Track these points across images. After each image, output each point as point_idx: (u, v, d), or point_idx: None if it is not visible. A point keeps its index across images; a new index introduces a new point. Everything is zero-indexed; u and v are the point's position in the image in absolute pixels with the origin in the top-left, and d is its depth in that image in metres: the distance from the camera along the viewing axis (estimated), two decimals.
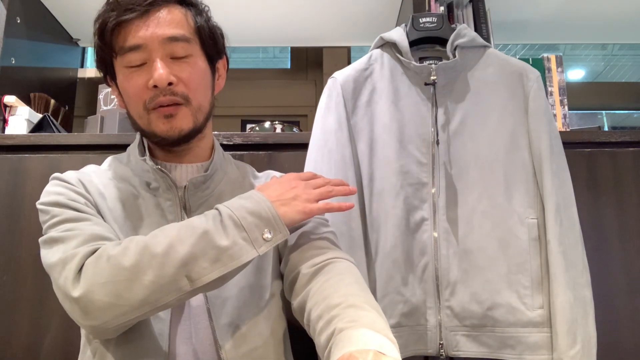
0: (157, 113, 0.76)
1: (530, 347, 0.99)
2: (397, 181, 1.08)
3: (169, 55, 0.76)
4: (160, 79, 0.74)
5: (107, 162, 0.88)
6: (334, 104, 1.12)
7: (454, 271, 1.05)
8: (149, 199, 0.80)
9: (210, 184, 0.83)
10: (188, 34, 0.78)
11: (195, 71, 0.79)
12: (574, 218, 1.05)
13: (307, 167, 1.10)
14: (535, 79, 1.10)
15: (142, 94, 0.76)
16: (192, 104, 0.78)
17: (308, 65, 2.17)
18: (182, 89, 0.77)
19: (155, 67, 0.75)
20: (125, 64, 0.77)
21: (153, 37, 0.75)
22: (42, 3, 1.67)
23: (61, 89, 1.78)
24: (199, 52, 0.80)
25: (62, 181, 0.79)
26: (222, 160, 0.88)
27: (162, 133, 0.77)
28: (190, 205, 0.80)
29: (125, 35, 0.75)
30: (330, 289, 0.66)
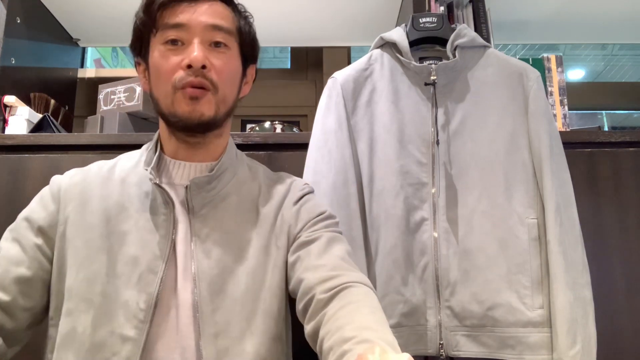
0: (182, 93, 0.77)
1: (530, 347, 0.99)
2: (397, 181, 1.08)
3: (209, 42, 0.79)
4: (196, 60, 0.75)
5: (116, 161, 0.88)
6: (334, 104, 1.12)
7: (454, 271, 1.05)
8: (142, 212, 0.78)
9: (217, 184, 0.82)
10: (231, 28, 0.81)
11: (229, 63, 0.81)
12: (574, 218, 1.05)
13: (307, 167, 1.10)
14: (535, 79, 1.10)
15: (174, 71, 0.77)
16: (218, 93, 0.79)
17: (308, 65, 2.17)
18: (213, 75, 0.78)
19: (193, 48, 0.76)
20: (164, 40, 0.78)
21: (197, 20, 0.77)
22: (42, 3, 1.67)
23: (61, 89, 1.78)
24: (236, 48, 0.83)
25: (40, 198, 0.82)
26: (234, 161, 0.87)
27: (183, 114, 0.77)
28: (193, 205, 0.79)
29: (171, 13, 0.78)
30: (344, 319, 0.64)
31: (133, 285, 0.73)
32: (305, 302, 0.73)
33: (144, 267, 0.74)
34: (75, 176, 0.84)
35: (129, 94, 1.41)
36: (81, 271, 0.74)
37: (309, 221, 0.83)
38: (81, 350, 0.71)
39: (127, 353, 0.70)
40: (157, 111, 0.82)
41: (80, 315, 0.72)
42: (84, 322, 0.72)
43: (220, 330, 0.73)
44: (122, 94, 1.42)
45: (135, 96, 1.40)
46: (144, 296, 0.73)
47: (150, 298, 0.72)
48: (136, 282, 0.73)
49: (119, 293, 0.73)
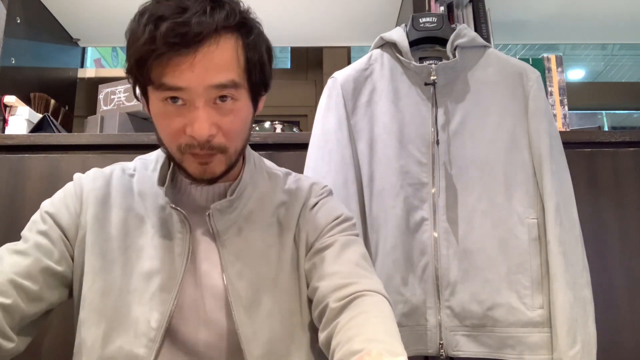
0: (191, 157, 0.71)
1: (530, 347, 0.99)
2: (397, 181, 1.08)
3: (213, 100, 0.69)
4: (200, 133, 0.67)
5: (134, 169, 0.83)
6: (334, 104, 1.12)
7: (454, 271, 1.05)
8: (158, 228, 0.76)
9: (239, 204, 0.78)
10: (237, 78, 0.69)
11: (238, 119, 0.72)
12: (574, 218, 1.05)
13: (307, 167, 1.10)
14: (535, 79, 1.10)
15: (179, 137, 0.70)
16: (228, 151, 0.73)
17: (308, 65, 2.17)
18: (220, 140, 0.70)
19: (197, 116, 0.67)
20: (163, 98, 0.68)
21: (199, 82, 0.66)
22: (42, 3, 1.67)
23: (61, 89, 1.78)
24: (245, 94, 0.72)
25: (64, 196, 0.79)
26: (253, 174, 0.83)
27: (194, 174, 0.73)
28: (218, 230, 0.76)
29: (168, 73, 0.66)
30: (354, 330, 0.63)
31: (146, 302, 0.71)
32: (320, 311, 0.72)
33: (157, 284, 0.72)
34: (98, 180, 0.80)
35: (129, 94, 1.40)
36: (97, 281, 0.73)
37: (325, 227, 0.81)
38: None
39: None
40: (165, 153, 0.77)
41: (91, 327, 0.71)
42: (94, 334, 0.71)
43: (267, 351, 0.72)
44: (122, 94, 1.42)
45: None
46: (156, 315, 0.71)
47: (162, 317, 0.70)
48: (149, 300, 0.71)
49: (131, 309, 0.71)
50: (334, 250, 0.77)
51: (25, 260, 0.71)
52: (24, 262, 0.71)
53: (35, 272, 0.71)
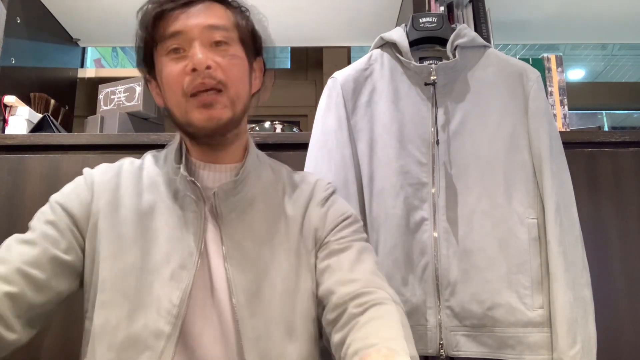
0: (195, 101, 0.76)
1: (530, 347, 0.99)
2: (397, 181, 1.08)
3: (208, 42, 0.78)
4: (199, 62, 0.75)
5: (144, 160, 0.88)
6: (334, 104, 1.12)
7: (453, 271, 1.05)
8: (172, 210, 0.79)
9: (243, 188, 0.82)
10: (228, 25, 0.80)
11: (233, 59, 0.79)
12: (574, 218, 1.05)
13: (307, 167, 1.10)
14: (535, 79, 1.10)
15: (181, 79, 0.76)
16: (230, 91, 0.78)
17: (308, 65, 2.17)
18: (220, 74, 0.77)
19: (194, 51, 0.76)
20: (166, 51, 0.78)
21: (193, 24, 0.77)
22: (42, 3, 1.67)
23: (61, 89, 1.78)
24: (237, 44, 0.81)
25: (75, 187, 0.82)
26: (256, 163, 0.87)
27: (199, 122, 0.77)
28: (221, 211, 0.80)
29: (165, 24, 0.78)
30: (372, 329, 0.66)
31: (166, 281, 0.74)
32: (337, 315, 0.74)
33: (176, 263, 0.75)
34: (108, 172, 0.84)
35: (129, 94, 1.41)
36: (116, 264, 0.75)
37: (336, 225, 0.84)
38: (114, 342, 0.71)
39: (161, 348, 0.71)
40: (174, 123, 0.82)
41: (114, 307, 0.73)
42: (118, 314, 0.72)
43: (261, 334, 0.74)
44: (122, 94, 1.42)
45: (135, 96, 1.40)
46: (177, 292, 0.73)
47: (183, 294, 0.73)
48: (169, 279, 0.74)
49: (152, 288, 0.74)
50: (350, 255, 0.80)
51: (33, 250, 0.73)
52: (31, 252, 0.73)
53: (43, 261, 0.73)
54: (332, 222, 0.84)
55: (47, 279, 0.73)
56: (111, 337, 0.72)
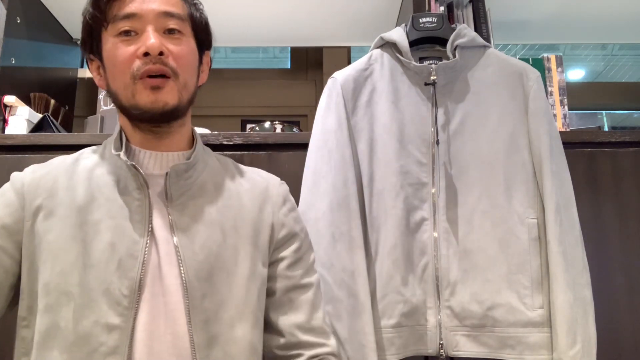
0: (143, 83, 0.75)
1: (530, 347, 0.99)
2: (397, 181, 1.08)
3: (162, 29, 0.78)
4: (153, 47, 0.74)
5: (80, 155, 0.85)
6: (334, 104, 1.12)
7: (454, 271, 1.05)
8: (113, 200, 0.77)
9: (193, 172, 0.81)
10: (182, 14, 0.80)
11: (185, 48, 0.80)
12: (574, 218, 1.05)
13: (307, 167, 1.10)
14: (535, 79, 1.10)
15: (131, 61, 0.75)
16: (179, 79, 0.77)
17: (308, 65, 2.17)
18: (171, 61, 0.76)
19: (148, 36, 0.75)
20: (116, 32, 0.77)
21: (149, 8, 0.77)
22: (42, 3, 1.67)
23: (61, 89, 1.78)
24: (190, 34, 0.82)
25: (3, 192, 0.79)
26: (203, 152, 0.87)
27: (146, 105, 0.75)
28: (171, 194, 0.78)
29: (121, 4, 0.77)
30: None
31: (113, 272, 0.71)
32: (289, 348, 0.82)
33: (123, 252, 0.73)
34: (37, 171, 0.81)
35: None
36: (57, 264, 0.72)
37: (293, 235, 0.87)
38: (66, 344, 0.69)
39: (115, 342, 0.68)
40: (116, 105, 0.81)
41: (61, 309, 0.70)
42: (65, 315, 0.70)
43: (210, 317, 0.73)
44: None
45: None
46: (126, 282, 0.71)
47: (133, 283, 0.71)
48: (116, 269, 0.72)
49: (99, 281, 0.71)
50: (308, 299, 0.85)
51: None
52: None
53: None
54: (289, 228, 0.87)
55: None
56: (61, 340, 0.69)
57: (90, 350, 0.68)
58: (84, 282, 0.71)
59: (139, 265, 0.72)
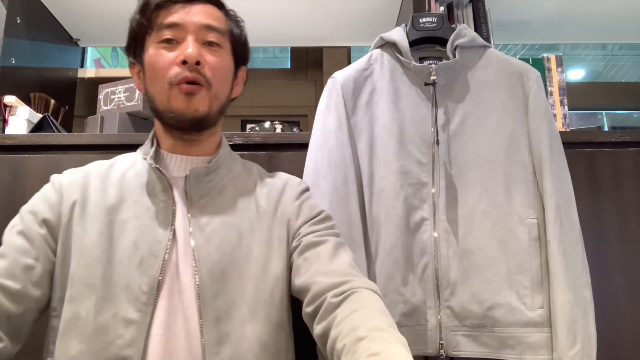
0: (178, 89, 0.80)
1: (530, 347, 0.99)
2: (397, 181, 1.08)
3: (202, 41, 0.83)
4: (191, 56, 0.79)
5: (116, 160, 0.91)
6: (334, 104, 1.12)
7: (454, 271, 1.05)
8: (140, 201, 0.81)
9: (214, 177, 0.85)
10: (223, 29, 0.86)
11: (221, 61, 0.84)
12: (574, 218, 1.05)
13: (307, 167, 1.10)
14: (535, 79, 1.10)
15: (170, 67, 0.80)
16: (212, 89, 0.82)
17: (308, 65, 2.17)
18: (207, 71, 0.81)
19: (187, 45, 0.80)
20: (159, 39, 0.82)
21: (191, 20, 0.82)
22: (42, 3, 1.67)
23: (61, 89, 1.78)
24: (228, 48, 0.87)
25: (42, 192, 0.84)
26: (228, 158, 0.90)
27: (178, 109, 0.80)
28: (191, 196, 0.82)
29: (166, 13, 0.82)
30: (357, 321, 0.66)
31: (134, 269, 0.75)
32: (316, 306, 0.75)
33: (145, 251, 0.77)
34: (75, 173, 0.87)
35: (129, 94, 1.41)
36: (83, 258, 0.76)
37: (310, 219, 0.86)
38: (84, 334, 0.72)
39: (131, 335, 0.72)
40: (152, 109, 0.85)
41: (83, 300, 0.74)
42: (86, 306, 0.73)
43: (221, 316, 0.76)
44: (122, 94, 1.42)
45: (135, 96, 1.40)
46: (146, 279, 0.75)
47: (152, 281, 0.75)
48: (137, 266, 0.76)
49: (120, 277, 0.75)
50: (327, 248, 0.82)
51: (4, 262, 0.75)
52: (3, 264, 0.75)
53: (16, 271, 0.74)
54: (306, 214, 0.87)
55: (22, 288, 0.74)
56: (81, 329, 0.72)
57: (107, 341, 0.71)
58: (106, 277, 0.75)
59: (159, 263, 0.76)
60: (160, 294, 0.75)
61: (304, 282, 0.79)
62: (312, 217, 0.87)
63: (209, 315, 0.75)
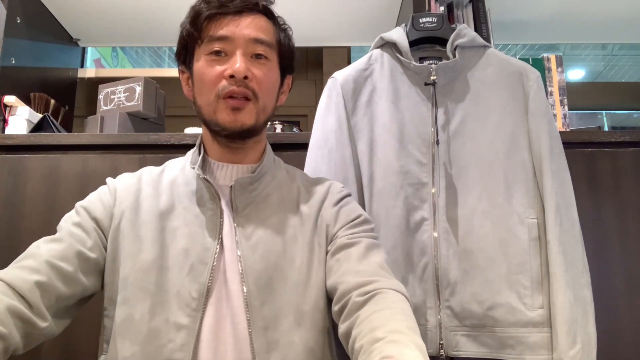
0: (225, 103, 0.81)
1: (530, 347, 0.99)
2: (397, 181, 1.08)
3: (250, 54, 0.83)
4: (239, 71, 0.80)
5: (165, 166, 0.93)
6: (334, 104, 1.12)
7: (454, 271, 1.05)
8: (190, 209, 0.83)
9: (258, 185, 0.86)
10: (271, 41, 0.86)
11: (269, 74, 0.85)
12: (574, 218, 1.05)
13: (307, 167, 1.10)
14: (535, 79, 1.10)
15: (218, 81, 0.81)
16: (259, 102, 0.83)
17: (308, 65, 2.17)
18: (254, 85, 0.82)
19: (236, 59, 0.81)
20: (209, 51, 0.82)
21: (241, 33, 0.82)
22: (42, 3, 1.67)
23: (61, 89, 1.78)
24: (275, 60, 0.87)
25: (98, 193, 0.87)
26: (272, 165, 0.91)
27: (224, 123, 0.82)
28: (237, 205, 0.83)
29: (216, 25, 0.82)
30: (377, 322, 0.66)
31: (185, 276, 0.77)
32: (342, 304, 0.76)
33: (194, 258, 0.79)
34: (129, 179, 0.89)
35: (129, 94, 1.41)
36: (137, 262, 0.78)
37: (347, 223, 0.87)
38: (138, 336, 0.74)
39: (182, 340, 0.74)
40: (200, 118, 0.86)
41: (137, 303, 0.76)
42: (141, 309, 0.76)
43: (269, 324, 0.77)
44: (122, 94, 1.42)
45: (135, 96, 1.40)
46: (196, 286, 0.77)
47: (202, 287, 0.77)
48: (187, 273, 0.78)
49: (172, 283, 0.77)
50: (359, 249, 0.82)
51: (60, 245, 0.77)
52: (59, 247, 0.77)
53: (69, 255, 0.77)
54: (343, 219, 0.87)
55: (74, 271, 0.76)
56: (134, 332, 0.75)
57: (160, 345, 0.74)
58: (159, 282, 0.77)
59: (208, 271, 0.78)
60: (209, 301, 0.77)
61: (334, 281, 0.80)
62: (349, 222, 0.87)
63: (258, 324, 0.76)
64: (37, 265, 0.73)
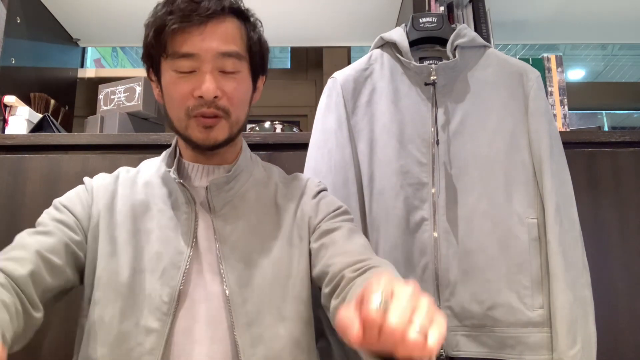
0: (196, 121, 0.79)
1: (530, 347, 0.99)
2: (397, 181, 1.08)
3: (219, 69, 0.79)
4: (208, 92, 0.77)
5: (140, 167, 0.92)
6: (334, 104, 1.12)
7: (453, 271, 1.05)
8: (164, 212, 0.83)
9: (235, 184, 0.86)
10: (240, 51, 0.81)
11: (240, 87, 0.82)
12: (574, 218, 1.05)
13: (307, 167, 1.10)
14: (535, 79, 1.10)
15: (187, 100, 0.78)
16: (231, 117, 0.81)
17: (308, 65, 2.17)
18: (225, 102, 0.79)
19: (204, 79, 0.77)
20: (175, 68, 0.79)
21: (207, 49, 0.77)
22: (42, 3, 1.67)
23: (61, 89, 1.78)
24: (246, 69, 0.83)
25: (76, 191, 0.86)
26: (248, 162, 0.90)
27: (197, 140, 0.80)
28: (214, 206, 0.83)
29: (181, 41, 0.77)
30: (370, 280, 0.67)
31: (156, 280, 0.77)
32: (335, 284, 0.76)
33: (167, 262, 0.78)
34: (105, 179, 0.88)
35: (129, 94, 1.41)
36: (110, 262, 0.78)
37: (328, 213, 0.87)
38: (107, 338, 0.74)
39: (151, 344, 0.73)
40: (171, 128, 0.85)
41: (108, 304, 0.76)
42: (111, 311, 0.75)
43: (252, 320, 0.77)
44: (122, 94, 1.42)
45: (135, 96, 1.40)
46: (167, 289, 0.76)
47: (173, 291, 0.76)
48: (159, 277, 0.77)
49: (144, 287, 0.76)
50: (342, 233, 0.83)
51: (50, 238, 0.77)
52: (48, 240, 0.76)
53: (59, 248, 0.77)
54: (324, 211, 0.87)
55: (62, 265, 0.76)
56: (104, 333, 0.74)
57: (128, 348, 0.73)
58: (131, 285, 0.77)
59: (180, 275, 0.77)
60: (181, 305, 0.76)
61: (322, 265, 0.80)
62: (331, 212, 0.87)
63: (241, 321, 0.76)
64: (29, 256, 0.73)
